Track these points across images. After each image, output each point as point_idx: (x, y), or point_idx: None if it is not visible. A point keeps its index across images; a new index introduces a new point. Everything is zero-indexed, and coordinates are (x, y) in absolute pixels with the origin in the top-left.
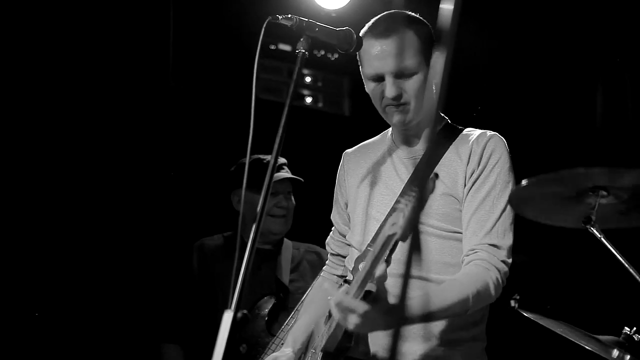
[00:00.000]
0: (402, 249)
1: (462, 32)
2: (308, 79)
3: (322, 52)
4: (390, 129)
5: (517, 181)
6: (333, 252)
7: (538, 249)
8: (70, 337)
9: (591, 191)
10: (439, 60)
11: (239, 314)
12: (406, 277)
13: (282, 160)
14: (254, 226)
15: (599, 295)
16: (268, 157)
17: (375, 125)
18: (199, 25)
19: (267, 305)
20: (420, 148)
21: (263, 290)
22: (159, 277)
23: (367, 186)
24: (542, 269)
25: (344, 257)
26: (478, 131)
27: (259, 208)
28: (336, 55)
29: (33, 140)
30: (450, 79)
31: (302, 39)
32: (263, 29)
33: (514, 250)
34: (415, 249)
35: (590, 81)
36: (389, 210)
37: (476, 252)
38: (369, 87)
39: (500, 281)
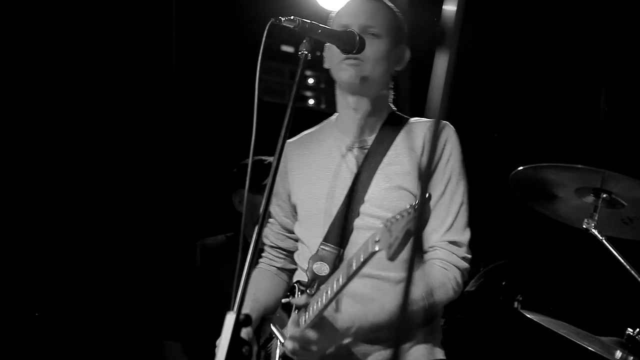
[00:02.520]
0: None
1: (465, 30)
2: (311, 81)
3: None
4: (333, 116)
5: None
6: (272, 245)
7: (541, 250)
8: (73, 334)
9: (593, 193)
10: (442, 60)
11: (242, 316)
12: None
13: None
14: (256, 228)
15: (601, 297)
16: (270, 159)
17: None
18: (202, 27)
19: None
20: (368, 137)
21: None
22: (161, 275)
23: (317, 179)
24: (545, 270)
25: (284, 249)
26: (427, 121)
27: (261, 210)
28: None
29: (41, 140)
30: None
31: (304, 41)
32: (266, 31)
33: (519, 251)
34: None
35: (594, 81)
36: (340, 204)
37: (435, 250)
38: (332, 47)
39: (460, 279)
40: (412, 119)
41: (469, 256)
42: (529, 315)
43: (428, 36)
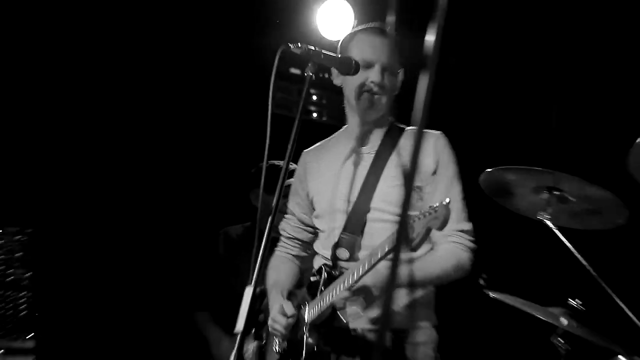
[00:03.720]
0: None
1: (442, 56)
2: (314, 97)
3: (326, 75)
4: (342, 129)
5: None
6: (290, 236)
7: (504, 238)
8: (120, 307)
9: (546, 190)
10: (423, 81)
11: (258, 289)
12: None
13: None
14: (269, 219)
15: (550, 275)
16: (282, 163)
17: None
18: (227, 51)
19: None
20: (374, 144)
21: None
22: (192, 258)
23: (333, 180)
24: (506, 254)
25: (300, 240)
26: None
27: (273, 203)
28: None
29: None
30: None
31: (309, 65)
32: (277, 56)
33: (486, 238)
34: (371, 235)
35: (548, 102)
36: (354, 200)
37: (451, 236)
38: (357, 78)
39: (473, 258)
40: (408, 128)
41: (474, 238)
42: (492, 294)
43: (415, 61)
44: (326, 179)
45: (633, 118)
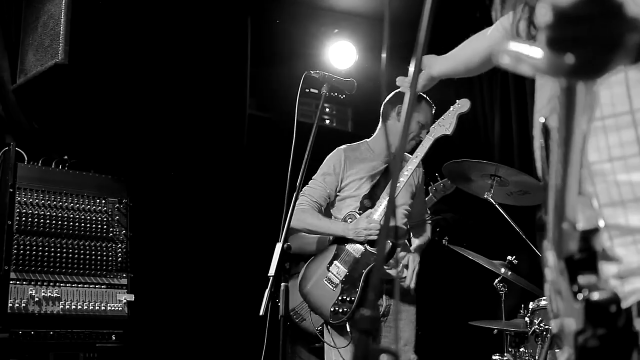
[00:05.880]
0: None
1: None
2: (327, 109)
3: (335, 93)
4: (370, 141)
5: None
6: (314, 200)
7: (461, 210)
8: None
9: (490, 177)
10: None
11: (285, 246)
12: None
13: None
14: (294, 195)
15: (494, 237)
16: None
17: (365, 137)
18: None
19: None
20: (388, 157)
21: None
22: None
23: (362, 175)
24: (464, 222)
25: (321, 204)
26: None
27: (298, 182)
28: (343, 95)
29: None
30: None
31: (324, 85)
32: (302, 79)
33: (448, 210)
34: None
35: (490, 111)
36: (370, 187)
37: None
38: (413, 126)
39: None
40: (407, 154)
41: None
42: (453, 247)
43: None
44: (363, 175)
45: None
